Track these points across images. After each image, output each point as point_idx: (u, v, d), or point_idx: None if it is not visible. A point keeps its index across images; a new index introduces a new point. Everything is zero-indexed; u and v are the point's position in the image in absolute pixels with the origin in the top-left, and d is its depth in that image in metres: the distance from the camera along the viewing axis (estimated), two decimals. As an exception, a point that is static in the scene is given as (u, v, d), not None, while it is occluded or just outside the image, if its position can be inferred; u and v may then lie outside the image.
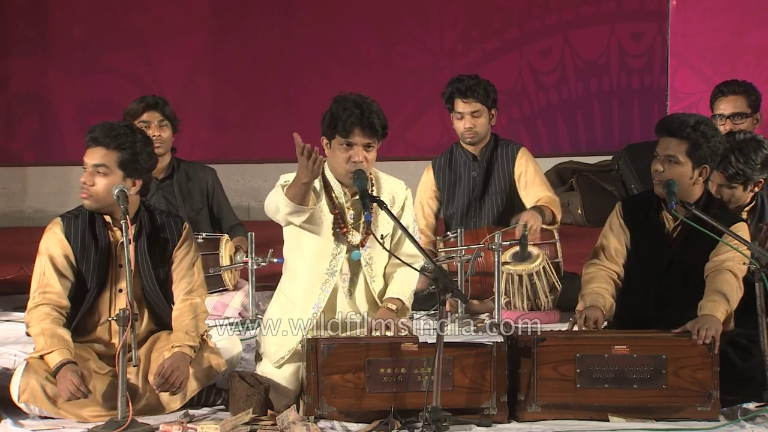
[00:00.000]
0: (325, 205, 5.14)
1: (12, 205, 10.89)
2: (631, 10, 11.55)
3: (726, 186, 5.52)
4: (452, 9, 11.32)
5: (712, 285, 5.09)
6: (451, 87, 6.91)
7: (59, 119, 10.73)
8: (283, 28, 11.06)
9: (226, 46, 10.98)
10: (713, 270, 5.14)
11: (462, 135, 6.95)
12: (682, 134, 5.17)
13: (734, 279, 5.10)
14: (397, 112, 10.89)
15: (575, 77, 11.55)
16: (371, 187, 5.17)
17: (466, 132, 6.91)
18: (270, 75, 11.05)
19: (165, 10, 10.86)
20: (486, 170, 6.99)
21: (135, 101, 6.83)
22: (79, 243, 5.03)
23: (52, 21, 10.70)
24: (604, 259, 5.36)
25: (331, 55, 11.07)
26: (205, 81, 10.95)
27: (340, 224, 5.15)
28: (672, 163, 5.18)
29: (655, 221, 5.31)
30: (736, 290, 5.09)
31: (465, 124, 6.90)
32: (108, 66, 10.76)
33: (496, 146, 7.00)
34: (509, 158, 6.96)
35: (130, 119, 6.70)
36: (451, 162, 7.07)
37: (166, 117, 6.78)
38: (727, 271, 5.10)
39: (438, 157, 7.15)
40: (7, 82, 10.70)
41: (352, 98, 5.08)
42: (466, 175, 7.00)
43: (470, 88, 6.84)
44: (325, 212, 5.14)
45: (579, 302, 5.30)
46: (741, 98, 6.65)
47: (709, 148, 5.18)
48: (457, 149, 7.07)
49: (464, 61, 11.10)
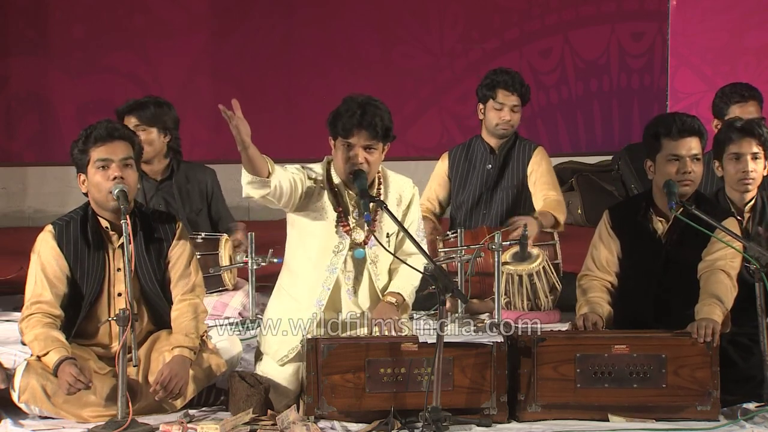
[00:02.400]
0: (329, 203, 5.15)
1: (12, 205, 10.88)
2: (631, 10, 11.55)
3: (755, 156, 5.50)
4: (452, 9, 11.31)
5: (707, 288, 5.09)
6: (496, 77, 6.96)
7: (59, 119, 10.72)
8: (283, 28, 11.05)
9: (226, 46, 10.97)
10: (706, 270, 5.15)
11: (495, 126, 6.97)
12: (701, 133, 5.22)
13: (727, 279, 5.10)
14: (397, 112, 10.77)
15: (575, 77, 11.55)
16: (378, 186, 5.20)
17: (503, 124, 6.96)
18: (270, 75, 11.04)
19: (165, 10, 10.85)
20: (502, 164, 7.03)
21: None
22: (72, 250, 5.00)
23: (52, 21, 10.69)
24: (596, 269, 5.37)
25: (331, 55, 11.07)
26: (205, 81, 10.94)
27: (343, 222, 5.16)
28: (696, 162, 5.22)
29: (645, 225, 5.30)
30: (730, 290, 5.10)
31: (503, 116, 6.94)
32: (108, 66, 10.75)
33: (515, 143, 7.04)
34: (526, 155, 7.00)
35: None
36: (468, 152, 7.11)
37: (144, 121, 6.71)
38: (720, 272, 5.11)
39: (455, 147, 7.19)
40: (7, 82, 10.69)
41: (359, 99, 5.11)
42: (481, 166, 7.03)
43: (518, 82, 6.94)
44: (329, 209, 5.15)
45: (577, 311, 5.30)
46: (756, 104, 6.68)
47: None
48: (477, 141, 7.11)
49: (464, 61, 11.10)
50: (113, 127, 5.01)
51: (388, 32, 11.21)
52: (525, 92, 6.98)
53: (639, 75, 11.59)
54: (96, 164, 4.95)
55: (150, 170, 6.80)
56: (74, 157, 5.01)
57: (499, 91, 6.95)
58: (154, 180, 6.82)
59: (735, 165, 5.49)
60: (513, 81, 6.94)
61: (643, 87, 11.57)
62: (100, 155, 4.95)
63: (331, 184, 5.18)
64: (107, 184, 4.93)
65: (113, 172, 4.93)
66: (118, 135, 4.98)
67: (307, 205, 5.15)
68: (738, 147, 5.48)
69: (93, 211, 5.05)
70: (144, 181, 6.74)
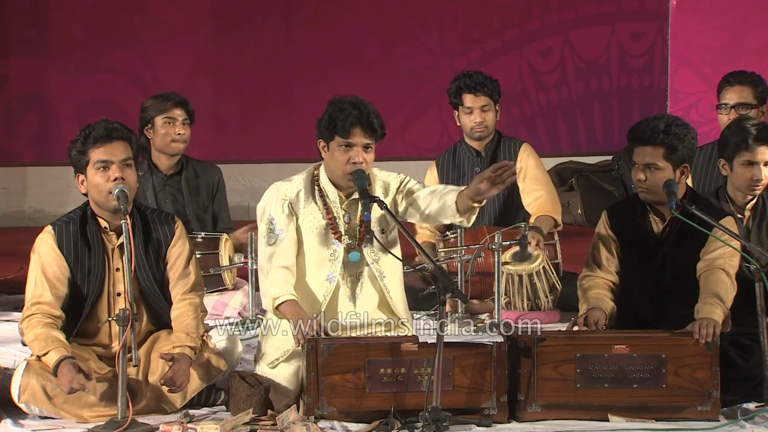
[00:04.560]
0: (318, 211, 5.14)
1: (12, 205, 10.89)
2: (631, 10, 11.55)
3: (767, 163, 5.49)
4: (452, 9, 11.32)
5: (706, 287, 5.09)
6: (459, 82, 6.94)
7: (59, 119, 10.72)
8: (283, 28, 11.06)
9: (226, 46, 10.98)
10: (705, 270, 5.14)
11: (471, 130, 6.96)
12: (656, 141, 5.18)
13: (727, 278, 5.10)
14: (397, 112, 10.89)
15: (575, 77, 11.55)
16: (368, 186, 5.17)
17: (476, 126, 6.94)
18: (270, 75, 11.04)
19: (165, 10, 10.85)
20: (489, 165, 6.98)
21: (158, 97, 6.85)
22: (71, 250, 4.99)
23: (52, 21, 10.70)
24: (597, 269, 5.37)
25: (331, 55, 11.07)
26: (205, 81, 10.94)
27: (333, 229, 5.14)
28: (653, 170, 5.19)
29: (642, 225, 5.31)
30: (729, 289, 5.10)
31: (475, 119, 6.92)
32: (108, 66, 10.76)
33: (500, 142, 7.02)
34: (512, 153, 6.98)
35: (154, 114, 6.73)
36: (455, 159, 7.09)
37: (189, 115, 6.82)
38: (720, 270, 5.11)
39: (441, 155, 7.17)
40: (7, 82, 10.69)
41: (349, 100, 5.09)
42: (470, 172, 7.01)
43: (480, 82, 6.90)
44: (318, 218, 5.14)
45: (580, 308, 5.29)
46: (747, 89, 6.64)
47: (685, 147, 5.20)
48: (461, 146, 7.09)
49: (464, 61, 11.10)
50: (112, 127, 4.98)
51: (388, 32, 11.21)
52: (492, 90, 6.92)
53: (639, 75, 11.60)
54: (96, 165, 4.94)
55: (162, 165, 6.82)
56: (72, 158, 4.99)
57: (465, 96, 6.93)
58: (164, 175, 6.83)
59: (747, 170, 5.47)
60: (475, 82, 6.90)
61: (643, 87, 11.57)
62: (100, 156, 4.94)
63: (320, 192, 5.17)
64: (108, 185, 4.92)
65: (114, 173, 4.92)
66: (117, 135, 4.96)
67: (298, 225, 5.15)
68: (752, 155, 5.45)
69: (92, 212, 5.04)
70: (153, 176, 6.78)
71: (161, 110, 6.76)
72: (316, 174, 5.20)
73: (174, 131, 6.74)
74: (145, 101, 6.87)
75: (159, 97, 6.86)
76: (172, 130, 6.74)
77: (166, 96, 6.85)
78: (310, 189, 5.16)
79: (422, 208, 5.13)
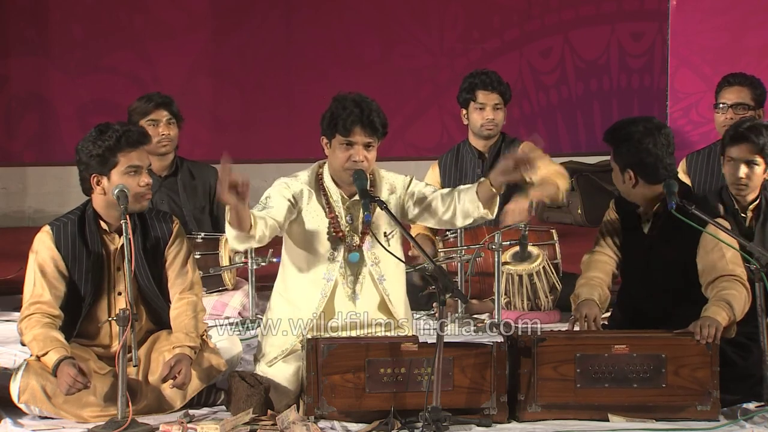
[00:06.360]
0: (320, 210, 5.13)
1: (12, 205, 10.88)
2: (631, 10, 11.55)
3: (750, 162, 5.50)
4: (452, 9, 11.32)
5: (720, 293, 5.02)
6: (474, 79, 6.95)
7: (59, 119, 10.72)
8: (283, 28, 11.06)
9: (226, 46, 10.97)
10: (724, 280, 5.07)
11: (480, 127, 6.95)
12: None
13: (744, 291, 5.04)
14: (397, 112, 10.88)
15: (575, 77, 11.55)
16: (370, 186, 5.15)
17: (487, 123, 6.94)
18: (270, 75, 11.04)
19: (165, 10, 10.85)
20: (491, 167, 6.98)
21: (141, 99, 6.85)
22: (69, 251, 4.99)
23: (52, 21, 10.69)
24: (605, 245, 5.38)
25: (331, 55, 11.07)
26: (205, 81, 10.94)
27: (336, 228, 5.13)
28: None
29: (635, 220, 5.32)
30: (744, 302, 5.02)
31: (486, 116, 6.93)
32: (108, 66, 10.76)
33: (503, 143, 7.02)
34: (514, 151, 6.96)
35: (138, 117, 6.74)
36: (457, 160, 7.08)
37: (174, 115, 6.82)
38: (739, 284, 5.04)
39: (444, 155, 7.16)
40: (7, 82, 10.69)
41: (352, 97, 5.07)
42: (472, 173, 7.00)
43: (496, 80, 6.93)
44: (321, 217, 5.13)
45: (575, 289, 5.30)
46: (746, 90, 6.65)
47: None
48: (465, 147, 7.08)
49: (464, 61, 11.10)
50: (143, 133, 5.03)
51: (388, 32, 11.21)
52: (505, 90, 6.96)
53: (639, 75, 11.60)
54: (127, 169, 4.93)
55: (155, 166, 6.82)
56: (95, 157, 4.93)
57: (479, 92, 6.94)
58: (159, 176, 6.83)
59: (729, 168, 5.51)
60: (491, 80, 6.93)
61: (643, 87, 11.57)
62: (133, 161, 4.94)
63: (324, 190, 5.17)
64: (138, 190, 4.95)
65: (144, 179, 4.96)
66: (146, 141, 5.02)
67: (297, 218, 5.13)
68: (732, 152, 5.48)
69: (94, 212, 5.04)
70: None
71: (144, 113, 6.76)
72: (320, 172, 5.19)
73: (158, 132, 6.74)
74: (131, 104, 6.88)
75: (141, 99, 6.87)
76: (156, 131, 6.73)
77: (147, 98, 6.85)
78: (314, 187, 5.16)
79: (439, 213, 5.14)
